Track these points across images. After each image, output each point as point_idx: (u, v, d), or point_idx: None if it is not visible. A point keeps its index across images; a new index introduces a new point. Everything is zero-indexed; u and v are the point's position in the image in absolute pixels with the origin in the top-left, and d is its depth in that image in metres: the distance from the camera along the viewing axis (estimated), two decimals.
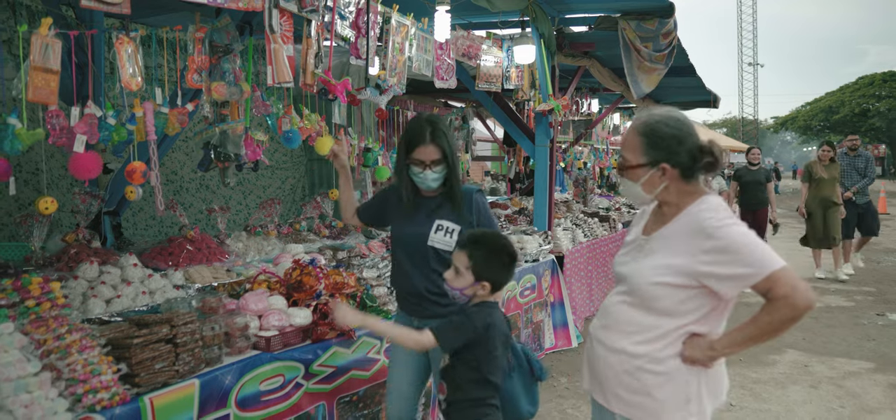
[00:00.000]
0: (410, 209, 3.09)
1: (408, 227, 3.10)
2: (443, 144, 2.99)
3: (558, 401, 5.23)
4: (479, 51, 5.50)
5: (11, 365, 2.19)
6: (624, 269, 2.31)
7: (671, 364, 2.18)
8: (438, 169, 3.00)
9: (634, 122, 2.26)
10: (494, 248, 2.63)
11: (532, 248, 6.13)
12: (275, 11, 3.26)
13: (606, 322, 2.32)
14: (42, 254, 3.48)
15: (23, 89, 2.58)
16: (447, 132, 3.04)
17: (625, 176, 2.28)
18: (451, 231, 3.03)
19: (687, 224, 2.18)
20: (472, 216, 3.07)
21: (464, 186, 3.12)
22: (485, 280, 2.60)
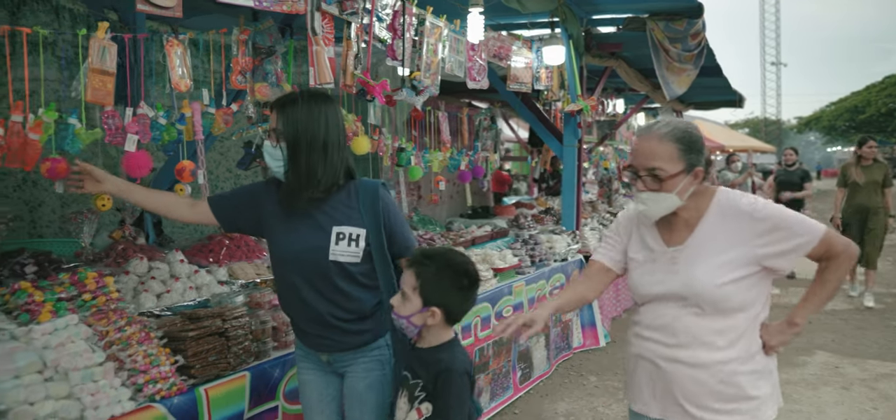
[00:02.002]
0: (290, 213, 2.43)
1: (297, 241, 2.41)
2: (286, 115, 2.37)
3: (589, 399, 5.26)
4: (509, 52, 5.55)
5: (79, 355, 2.28)
6: (668, 286, 2.21)
7: (759, 358, 2.20)
8: (281, 146, 2.37)
9: (659, 132, 2.15)
10: (447, 267, 2.21)
11: (561, 248, 6.17)
12: (317, 14, 3.34)
13: (677, 341, 2.20)
14: (91, 250, 3.58)
15: (82, 91, 2.68)
16: (307, 109, 2.38)
17: (661, 188, 2.14)
18: (354, 238, 2.40)
19: (723, 217, 2.19)
20: (380, 216, 2.42)
21: (364, 180, 2.50)
22: (434, 306, 2.18)
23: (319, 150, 2.36)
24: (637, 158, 2.19)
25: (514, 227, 6.70)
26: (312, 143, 2.36)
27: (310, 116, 2.37)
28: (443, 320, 2.22)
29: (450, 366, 2.17)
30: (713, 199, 2.22)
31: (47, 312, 2.63)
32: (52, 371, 2.22)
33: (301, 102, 2.40)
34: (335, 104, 2.47)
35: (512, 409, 5.03)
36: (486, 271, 4.85)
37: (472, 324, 4.44)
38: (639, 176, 2.18)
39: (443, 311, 2.21)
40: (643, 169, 2.17)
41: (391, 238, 2.46)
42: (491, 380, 4.79)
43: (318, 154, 2.36)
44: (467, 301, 2.29)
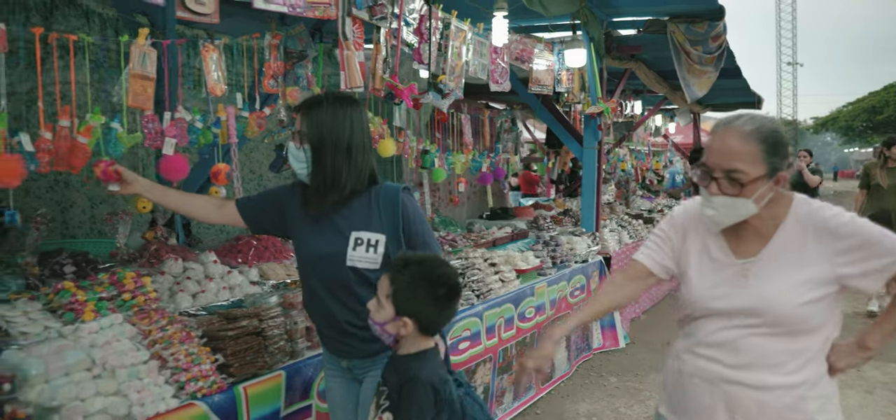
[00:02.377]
0: (314, 216, 2.41)
1: (317, 245, 2.40)
2: (311, 117, 2.37)
3: (610, 400, 5.29)
4: (531, 54, 5.59)
5: (124, 353, 2.35)
6: (735, 302, 1.99)
7: (826, 382, 2.02)
8: (305, 148, 2.37)
9: (742, 129, 1.91)
10: (423, 277, 2.06)
11: (581, 249, 6.20)
12: (348, 19, 3.40)
13: (740, 361, 1.99)
14: (126, 250, 3.66)
15: (123, 95, 2.75)
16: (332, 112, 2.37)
17: (741, 194, 1.91)
18: (373, 243, 2.34)
19: (802, 229, 1.97)
20: (398, 221, 2.38)
21: (386, 184, 2.45)
22: (407, 315, 2.05)
23: (343, 152, 2.35)
24: (713, 157, 1.92)
25: (534, 229, 6.73)
26: (337, 146, 2.34)
27: (334, 119, 2.36)
28: (416, 330, 2.09)
29: (416, 375, 2.04)
30: (790, 207, 2.00)
31: (90, 311, 2.70)
32: (99, 369, 2.29)
33: (326, 105, 2.38)
34: (361, 107, 2.45)
35: (534, 410, 5.07)
36: (509, 272, 4.89)
37: (495, 325, 4.49)
38: (713, 177, 1.92)
39: (415, 322, 2.07)
40: (719, 170, 1.91)
41: (410, 245, 2.40)
42: (513, 380, 4.83)
43: (343, 157, 2.35)
44: (444, 312, 2.13)
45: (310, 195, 2.41)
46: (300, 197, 2.48)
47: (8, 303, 2.69)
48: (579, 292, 5.95)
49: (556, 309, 5.43)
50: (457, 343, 4.03)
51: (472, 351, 4.20)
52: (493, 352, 4.46)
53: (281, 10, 3.05)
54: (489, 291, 4.51)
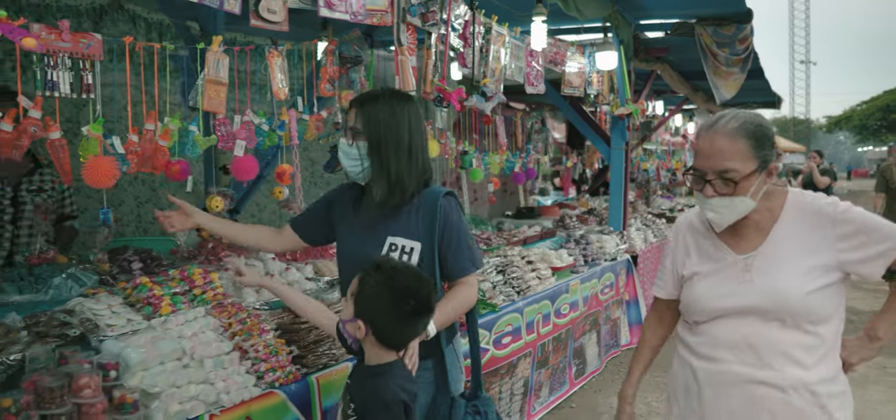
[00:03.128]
0: (357, 216, 2.37)
1: (353, 244, 2.35)
2: (367, 113, 2.27)
3: (641, 394, 5.39)
4: (564, 57, 5.71)
5: (210, 344, 2.49)
6: (743, 299, 1.98)
7: (841, 378, 2.01)
8: (358, 145, 2.28)
9: (728, 128, 1.91)
10: (390, 287, 1.94)
11: (610, 248, 6.32)
12: (402, 26, 3.54)
13: (760, 360, 1.96)
14: (186, 247, 3.81)
15: (199, 100, 2.90)
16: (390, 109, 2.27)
17: (736, 192, 1.92)
18: (408, 251, 2.26)
19: (801, 219, 1.98)
20: (436, 229, 2.26)
21: (431, 188, 2.33)
22: (363, 320, 1.95)
23: (406, 153, 2.25)
24: (704, 160, 1.94)
25: (560, 228, 6.86)
26: (399, 147, 2.24)
27: (393, 117, 2.26)
28: (375, 339, 1.97)
29: (382, 396, 1.92)
30: (787, 199, 2.02)
31: (167, 305, 2.85)
32: (188, 359, 2.44)
33: (383, 101, 2.28)
34: (417, 105, 2.36)
35: (568, 403, 5.20)
36: (546, 270, 5.02)
37: (534, 320, 4.61)
38: (707, 180, 1.93)
39: (371, 329, 1.96)
40: (712, 172, 1.92)
41: (443, 256, 2.29)
42: (550, 375, 4.96)
43: (405, 158, 2.25)
44: (404, 327, 2.00)
45: (354, 192, 2.37)
46: (348, 195, 2.43)
47: (91, 297, 2.84)
48: (609, 290, 6.08)
49: (589, 306, 5.56)
50: (500, 338, 4.16)
51: (514, 345, 4.33)
52: (532, 347, 4.59)
53: (343, 17, 3.19)
54: (528, 288, 4.64)
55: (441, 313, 2.23)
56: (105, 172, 2.40)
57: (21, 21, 2.18)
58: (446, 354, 2.35)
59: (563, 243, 6.01)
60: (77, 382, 2.03)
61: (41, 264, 3.08)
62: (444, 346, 2.32)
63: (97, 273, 3.25)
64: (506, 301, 4.35)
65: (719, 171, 1.91)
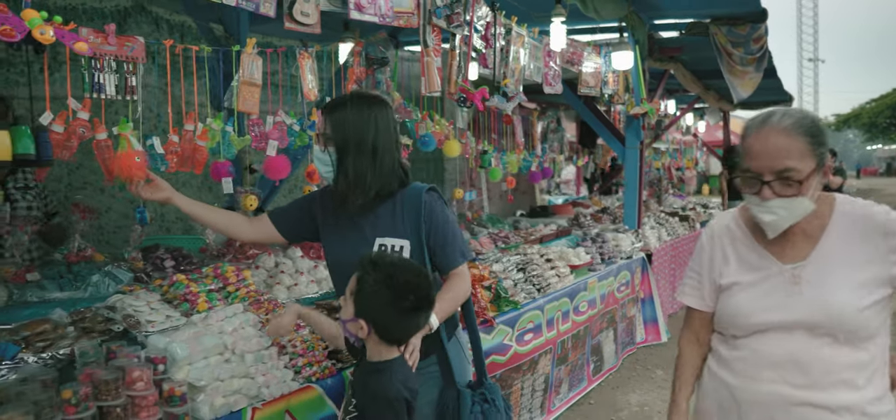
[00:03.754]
0: (341, 221, 2.39)
1: (342, 250, 2.38)
2: (334, 119, 2.30)
3: (659, 391, 5.46)
4: (581, 57, 5.76)
5: (250, 339, 2.56)
6: (791, 312, 1.84)
7: (889, 397, 1.87)
8: (329, 150, 2.33)
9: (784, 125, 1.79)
10: (388, 283, 1.95)
11: (626, 246, 6.37)
12: (428, 27, 3.60)
13: (809, 380, 1.82)
14: (214, 245, 3.88)
15: (234, 101, 2.96)
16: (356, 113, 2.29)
17: (800, 192, 1.79)
18: (398, 249, 2.30)
19: (851, 228, 1.86)
20: (422, 224, 2.30)
21: (412, 185, 2.38)
22: (364, 318, 1.97)
23: (368, 154, 2.26)
24: (762, 160, 1.79)
25: (575, 226, 6.91)
26: (361, 147, 2.26)
27: (358, 119, 2.28)
28: (376, 337, 1.99)
29: (384, 393, 1.94)
30: (835, 205, 1.89)
31: (203, 302, 2.93)
32: (229, 354, 2.50)
33: (350, 105, 2.31)
34: (387, 107, 2.37)
35: (587, 399, 5.25)
36: (564, 268, 5.07)
37: (554, 317, 4.67)
38: (764, 182, 1.79)
39: (372, 327, 1.97)
40: (770, 172, 1.78)
41: (432, 250, 2.33)
42: (569, 371, 5.02)
43: (368, 158, 2.26)
44: (405, 323, 2.01)
45: (336, 198, 2.36)
46: (329, 200, 2.44)
47: (130, 294, 2.92)
48: (625, 287, 6.12)
49: (606, 303, 5.61)
50: (523, 334, 4.22)
51: (536, 342, 4.39)
52: (552, 343, 4.65)
53: (372, 19, 3.26)
54: (548, 286, 4.69)
55: (441, 306, 2.26)
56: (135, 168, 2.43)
57: (72, 26, 2.25)
58: (449, 349, 2.39)
59: (579, 242, 6.06)
60: (130, 375, 2.09)
61: (79, 262, 3.16)
62: (445, 341, 2.36)
63: (132, 270, 3.32)
64: (527, 298, 4.41)
65: (779, 171, 1.77)
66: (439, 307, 2.24)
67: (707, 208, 10.31)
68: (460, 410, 2.39)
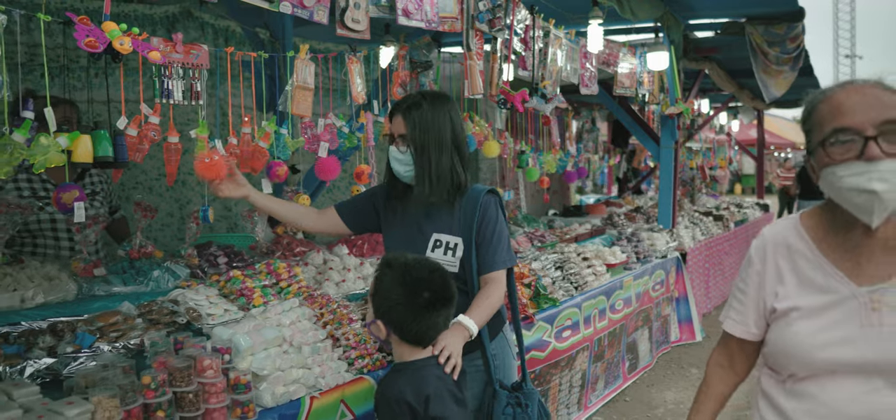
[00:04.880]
0: (403, 215, 2.50)
1: (400, 241, 2.49)
2: (413, 119, 2.38)
3: (694, 390, 5.47)
4: (617, 58, 5.81)
5: (307, 332, 2.68)
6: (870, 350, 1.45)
7: None
8: (405, 148, 2.41)
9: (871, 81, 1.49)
10: (402, 280, 1.95)
11: (661, 245, 6.40)
12: (471, 32, 3.70)
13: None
14: (263, 243, 4.03)
15: (288, 104, 3.10)
16: (433, 111, 2.39)
17: None
18: (452, 246, 2.39)
19: None
20: (474, 225, 2.38)
21: (473, 186, 2.47)
22: (381, 319, 1.99)
23: (449, 150, 2.38)
24: (860, 112, 1.42)
25: (609, 225, 6.96)
26: (442, 144, 2.36)
27: (435, 117, 2.38)
28: (397, 338, 1.99)
29: (385, 393, 1.96)
30: None
31: (258, 297, 3.06)
32: (287, 345, 2.63)
33: (426, 104, 2.41)
34: (455, 104, 2.47)
35: (623, 396, 5.32)
36: (600, 266, 5.14)
37: (591, 315, 4.74)
38: (867, 138, 1.40)
39: (389, 326, 1.98)
40: (874, 125, 1.40)
41: (477, 251, 2.41)
42: (605, 368, 5.08)
43: (448, 154, 2.38)
44: (424, 319, 1.99)
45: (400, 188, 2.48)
46: (394, 198, 2.54)
47: (190, 289, 3.06)
48: (659, 286, 6.16)
49: (641, 302, 5.66)
50: (561, 331, 4.30)
51: (573, 339, 4.47)
52: (589, 341, 4.72)
53: (419, 25, 3.37)
54: (585, 284, 4.77)
55: (478, 312, 2.36)
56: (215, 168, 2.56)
57: (144, 35, 2.40)
58: (490, 347, 2.48)
59: (614, 241, 6.12)
60: (201, 364, 2.23)
61: (140, 258, 3.31)
62: (486, 339, 2.44)
63: (188, 266, 3.48)
64: (565, 296, 4.49)
65: (885, 123, 1.39)
66: (476, 313, 2.36)
67: (741, 208, 10.26)
68: (494, 409, 2.49)
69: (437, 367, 2.08)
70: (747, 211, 10.17)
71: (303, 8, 2.90)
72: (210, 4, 5.04)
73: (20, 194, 3.28)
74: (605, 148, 11.38)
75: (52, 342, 2.36)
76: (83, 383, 2.09)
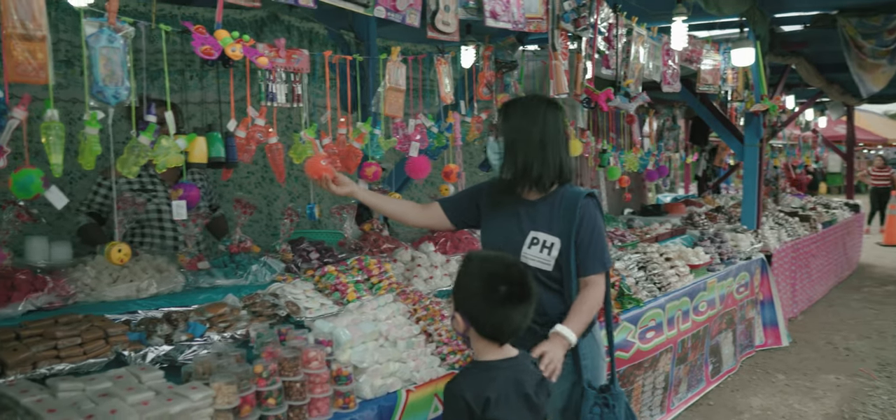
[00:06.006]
0: (502, 209, 2.60)
1: (497, 235, 2.59)
2: (507, 114, 2.56)
3: (782, 396, 5.33)
4: (700, 55, 5.70)
5: (401, 327, 2.77)
6: None
7: None
8: (499, 140, 2.58)
9: None
10: (479, 273, 2.01)
11: (745, 246, 6.23)
12: (556, 31, 3.72)
13: None
14: (352, 240, 4.15)
15: (381, 105, 3.19)
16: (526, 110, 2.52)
17: None
18: (549, 246, 2.46)
19: None
20: (574, 228, 2.45)
21: (573, 188, 2.55)
22: (460, 312, 2.04)
23: (535, 146, 2.46)
24: None
25: (689, 225, 6.81)
26: (529, 141, 2.46)
27: (527, 115, 2.50)
28: (476, 333, 2.01)
29: (451, 387, 2.01)
30: None
31: (352, 292, 3.17)
32: (383, 340, 2.72)
33: (523, 103, 2.57)
34: (558, 108, 2.56)
35: (706, 400, 5.21)
36: (683, 267, 5.05)
37: (675, 317, 4.67)
38: None
39: (467, 320, 2.01)
40: None
41: (577, 253, 2.46)
42: (688, 371, 5.00)
43: (535, 150, 2.46)
44: (501, 313, 2.00)
45: (501, 186, 2.58)
46: (498, 195, 2.65)
47: (287, 283, 3.20)
48: (744, 289, 6.00)
49: (725, 304, 5.53)
50: (644, 332, 4.26)
51: (657, 340, 4.42)
52: (672, 342, 4.65)
53: (506, 26, 3.41)
54: (668, 285, 4.70)
55: (577, 320, 2.42)
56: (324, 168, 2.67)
57: (252, 42, 2.52)
58: (581, 345, 2.50)
59: (696, 241, 5.99)
60: (306, 355, 2.34)
61: (240, 252, 3.48)
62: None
63: (283, 261, 3.62)
64: (648, 296, 4.44)
65: None
66: (575, 322, 2.41)
67: (829, 208, 9.85)
68: (581, 407, 2.52)
69: (512, 370, 2.08)
70: (836, 212, 9.75)
71: (395, 12, 2.98)
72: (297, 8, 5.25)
73: (131, 188, 3.50)
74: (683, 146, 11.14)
75: (169, 330, 2.51)
76: (200, 370, 2.23)
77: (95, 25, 2.10)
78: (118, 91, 2.12)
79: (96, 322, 2.36)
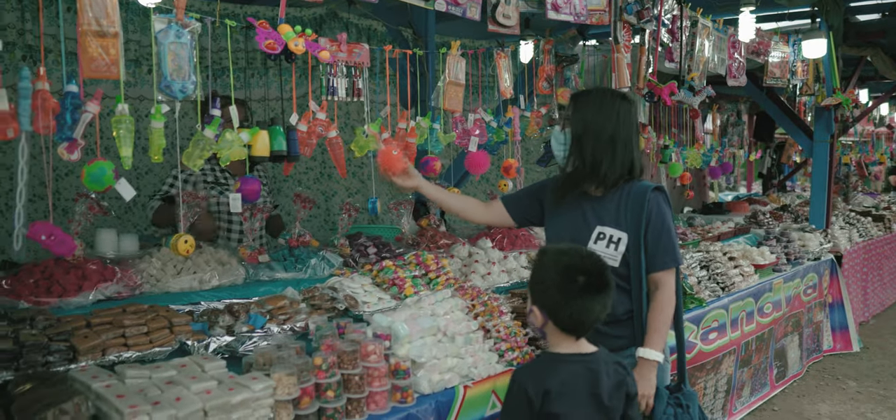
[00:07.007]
0: (567, 204, 2.53)
1: (562, 230, 2.54)
2: (576, 106, 2.49)
3: (853, 404, 5.10)
4: (768, 47, 5.49)
5: (459, 322, 2.75)
6: None
7: None
8: (566, 132, 2.51)
9: None
10: (555, 264, 1.99)
11: (813, 246, 5.99)
12: (619, 24, 3.63)
13: None
14: (409, 235, 4.15)
15: (441, 100, 3.17)
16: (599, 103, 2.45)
17: None
18: (615, 241, 2.40)
19: None
20: (642, 223, 2.39)
21: (639, 183, 2.47)
22: (537, 305, 2.03)
23: (606, 142, 2.39)
24: None
25: (753, 224, 6.58)
26: (599, 135, 2.39)
27: (599, 109, 2.42)
28: (553, 325, 2.00)
29: (515, 376, 2.04)
30: None
31: (410, 287, 3.16)
32: (441, 335, 2.70)
33: (594, 96, 2.49)
34: (631, 104, 2.48)
35: (770, 406, 5.03)
36: (748, 267, 4.88)
37: (738, 318, 4.52)
38: None
39: (544, 313, 2.00)
40: None
41: (645, 249, 2.40)
42: (752, 374, 4.83)
43: (605, 146, 2.39)
44: (579, 305, 1.97)
45: (568, 180, 2.49)
46: (563, 190, 2.56)
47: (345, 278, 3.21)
48: (811, 291, 5.77)
49: (791, 306, 5.32)
50: (707, 333, 4.13)
51: (719, 342, 4.28)
52: (736, 344, 4.50)
53: (567, 19, 3.34)
54: (732, 285, 4.55)
55: (658, 336, 2.39)
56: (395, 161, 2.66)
57: (314, 36, 2.54)
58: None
59: (760, 240, 5.79)
60: (365, 349, 2.34)
61: (299, 246, 3.52)
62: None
63: (341, 255, 3.65)
64: (711, 296, 4.31)
65: None
66: (656, 338, 2.39)
67: None
68: (655, 409, 2.45)
69: (582, 364, 2.04)
70: None
71: (456, 5, 2.96)
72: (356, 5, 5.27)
73: (205, 180, 3.59)
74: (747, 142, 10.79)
75: (230, 322, 2.56)
76: (261, 361, 2.25)
77: (164, 21, 2.15)
78: (185, 85, 2.16)
79: (161, 312, 2.42)
